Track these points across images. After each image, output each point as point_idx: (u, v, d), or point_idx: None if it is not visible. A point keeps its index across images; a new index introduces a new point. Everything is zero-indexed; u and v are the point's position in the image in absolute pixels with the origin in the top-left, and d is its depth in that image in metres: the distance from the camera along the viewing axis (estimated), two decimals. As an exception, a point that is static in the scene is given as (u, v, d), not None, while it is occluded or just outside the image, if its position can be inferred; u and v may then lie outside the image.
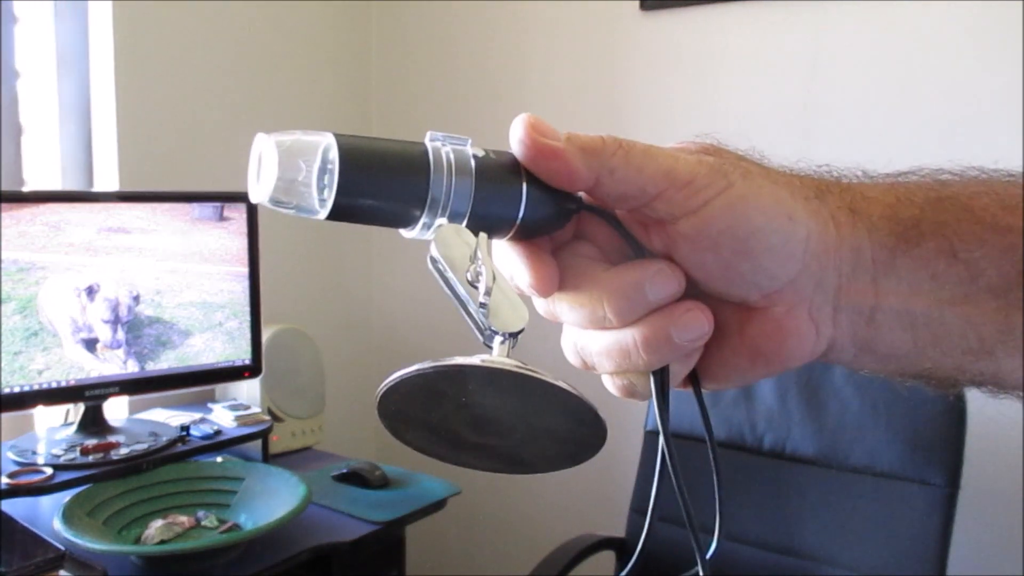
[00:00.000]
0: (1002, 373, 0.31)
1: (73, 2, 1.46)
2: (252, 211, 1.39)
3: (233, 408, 1.41)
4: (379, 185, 0.31)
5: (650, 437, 1.43)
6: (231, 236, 1.37)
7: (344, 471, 1.38)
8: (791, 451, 1.30)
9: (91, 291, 1.24)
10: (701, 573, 0.36)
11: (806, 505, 1.28)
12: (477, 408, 0.34)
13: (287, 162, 0.30)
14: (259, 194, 0.31)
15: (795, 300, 0.31)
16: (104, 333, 1.25)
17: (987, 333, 0.30)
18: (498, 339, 0.33)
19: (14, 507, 1.09)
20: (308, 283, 1.87)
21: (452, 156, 0.31)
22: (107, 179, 1.49)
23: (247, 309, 1.39)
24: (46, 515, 1.07)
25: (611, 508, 1.54)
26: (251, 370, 1.41)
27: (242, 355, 1.39)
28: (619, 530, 1.44)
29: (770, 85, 1.49)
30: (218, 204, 1.36)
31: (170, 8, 1.54)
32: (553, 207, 0.33)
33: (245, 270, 1.39)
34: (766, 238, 0.30)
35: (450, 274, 0.33)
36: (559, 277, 0.33)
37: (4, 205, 1.16)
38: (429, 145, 0.31)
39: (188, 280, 1.34)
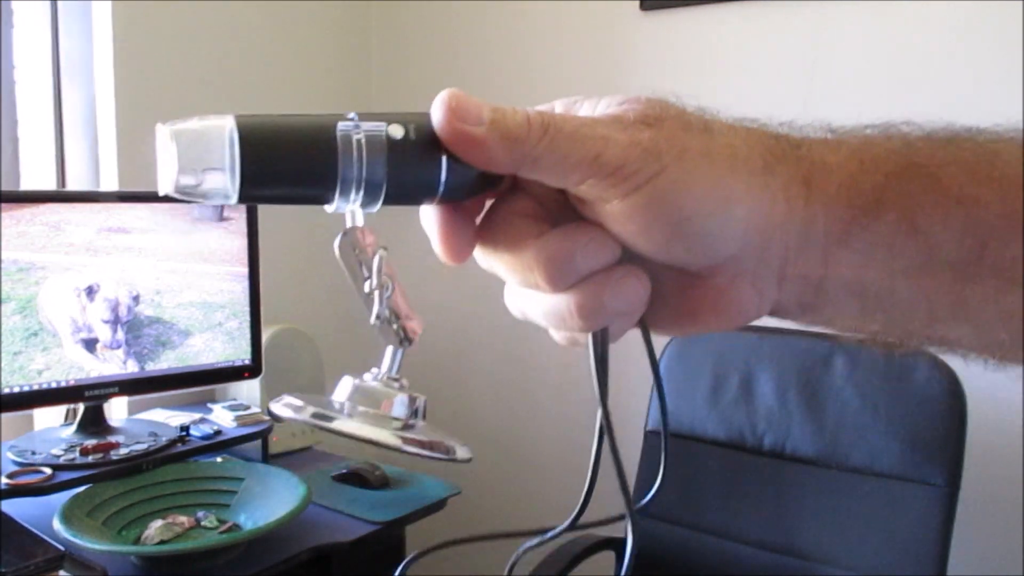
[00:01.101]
0: (948, 339, 0.31)
1: (75, 3, 1.46)
2: (252, 211, 1.39)
3: (233, 408, 1.41)
4: (285, 171, 0.29)
5: (650, 437, 1.43)
6: (231, 236, 1.37)
7: (344, 471, 1.38)
8: (791, 451, 1.30)
9: (91, 291, 1.24)
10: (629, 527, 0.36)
11: (806, 505, 1.28)
12: None
13: (187, 153, 0.29)
14: (165, 186, 0.30)
15: (736, 272, 0.31)
16: (104, 333, 1.25)
17: (939, 305, 0.30)
18: (388, 349, 0.34)
19: (14, 507, 1.09)
20: (308, 283, 1.87)
21: (363, 143, 0.30)
22: (107, 179, 1.49)
23: (247, 309, 1.39)
24: (46, 515, 1.07)
25: (611, 508, 1.54)
26: (251, 370, 1.41)
27: (242, 355, 1.39)
28: (619, 530, 1.44)
29: (770, 85, 1.49)
30: (218, 204, 1.36)
31: (170, 9, 1.54)
32: (476, 179, 0.31)
33: (245, 270, 1.39)
34: (700, 223, 0.29)
35: (348, 276, 0.33)
36: (487, 238, 0.32)
37: (4, 205, 1.16)
38: (339, 133, 0.30)
39: (188, 280, 1.34)
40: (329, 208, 0.31)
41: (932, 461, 1.18)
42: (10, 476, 1.11)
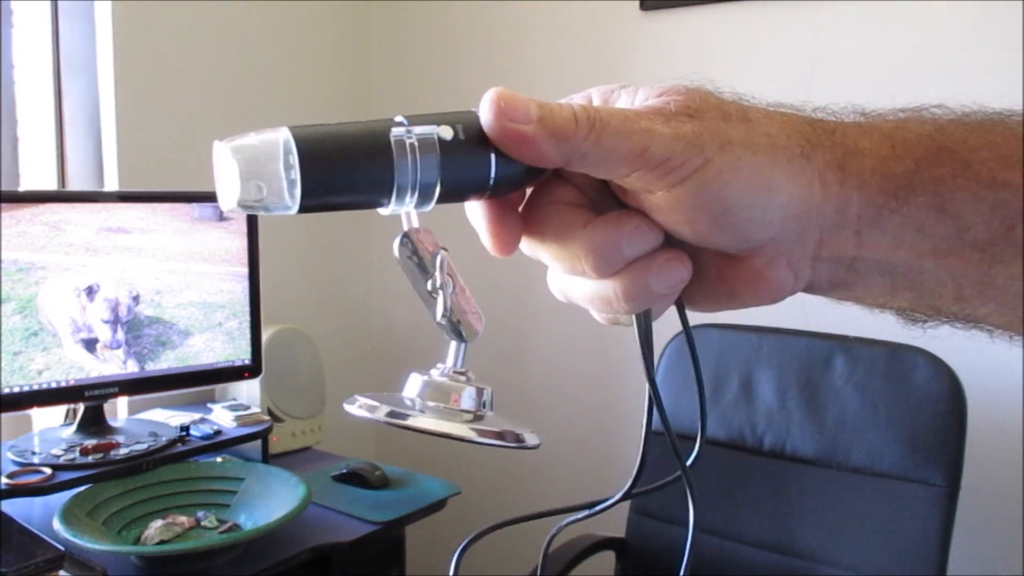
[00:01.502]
0: (975, 316, 0.32)
1: (77, 3, 1.46)
2: (252, 211, 1.39)
3: (233, 408, 1.41)
4: (344, 179, 0.30)
5: (650, 437, 1.43)
6: (231, 236, 1.37)
7: (344, 471, 1.38)
8: (791, 451, 1.30)
9: (91, 291, 1.24)
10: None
11: (806, 505, 1.28)
12: None
13: (247, 169, 0.29)
14: (226, 203, 0.31)
15: (774, 254, 0.31)
16: (104, 333, 1.25)
17: (966, 283, 0.31)
18: (452, 345, 0.35)
19: (14, 507, 1.09)
20: (308, 283, 1.87)
21: (416, 146, 0.31)
22: (107, 179, 1.49)
23: (247, 309, 1.39)
24: (46, 515, 1.07)
25: (611, 508, 1.54)
26: (251, 370, 1.41)
27: (242, 355, 1.39)
28: (619, 530, 1.44)
29: (770, 85, 1.49)
30: (218, 204, 1.36)
31: (170, 8, 1.54)
32: (523, 173, 0.32)
33: (245, 270, 1.39)
34: (743, 211, 0.30)
35: (410, 277, 0.34)
36: (533, 228, 0.33)
37: (4, 205, 1.16)
38: (392, 139, 0.30)
39: (188, 280, 1.34)
40: (384, 211, 0.32)
41: (932, 461, 1.18)
42: (10, 476, 1.11)
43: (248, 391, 1.49)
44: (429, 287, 0.34)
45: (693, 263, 0.33)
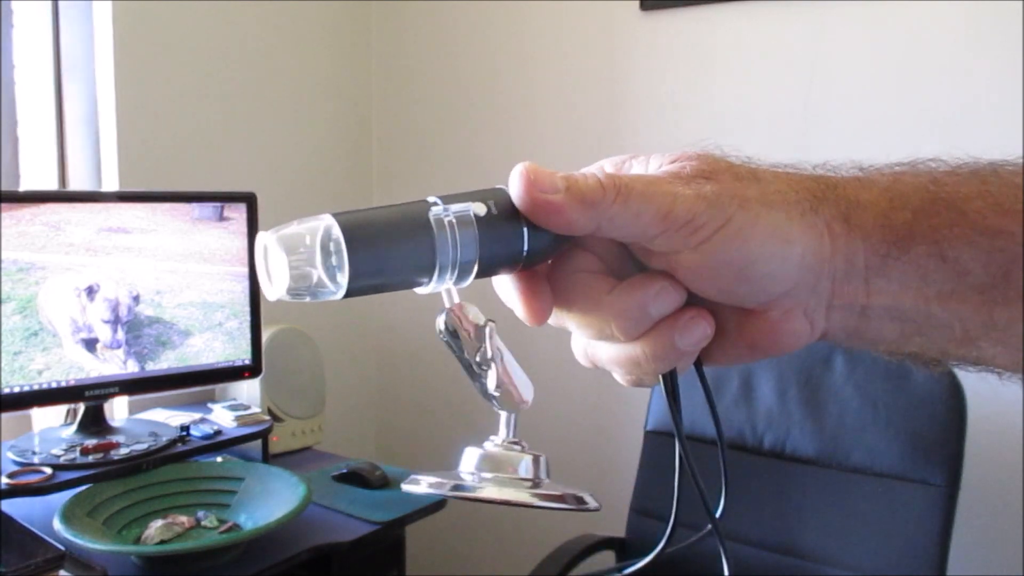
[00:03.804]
0: (984, 359, 0.33)
1: (77, 3, 1.46)
2: (252, 211, 1.39)
3: (233, 408, 1.41)
4: (388, 262, 0.31)
5: (650, 437, 1.43)
6: (231, 236, 1.37)
7: (344, 471, 1.38)
8: (791, 451, 1.30)
9: (91, 291, 1.24)
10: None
11: (806, 505, 1.28)
12: None
13: (295, 258, 0.30)
14: (275, 293, 0.31)
15: (791, 305, 0.33)
16: (104, 333, 1.25)
17: (971, 326, 0.32)
18: (503, 415, 0.36)
19: (14, 507, 1.09)
20: (308, 283, 1.87)
21: (455, 224, 0.32)
22: (107, 179, 1.49)
23: (247, 309, 1.39)
24: (46, 515, 1.07)
25: (611, 508, 1.54)
26: (251, 370, 1.41)
27: (242, 355, 1.39)
28: (619, 530, 1.44)
29: (770, 85, 1.50)
30: (218, 204, 1.36)
31: (170, 8, 1.54)
32: (552, 241, 0.34)
33: (245, 270, 1.39)
34: (764, 265, 0.31)
35: (457, 351, 0.35)
36: (559, 297, 0.34)
37: (4, 205, 1.16)
38: (432, 219, 0.32)
39: (188, 280, 1.34)
40: (423, 291, 0.33)
41: (932, 461, 1.19)
42: (10, 476, 1.11)
43: (248, 391, 1.49)
44: (478, 359, 0.35)
45: (714, 319, 0.34)
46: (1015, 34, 1.26)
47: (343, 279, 0.30)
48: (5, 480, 1.10)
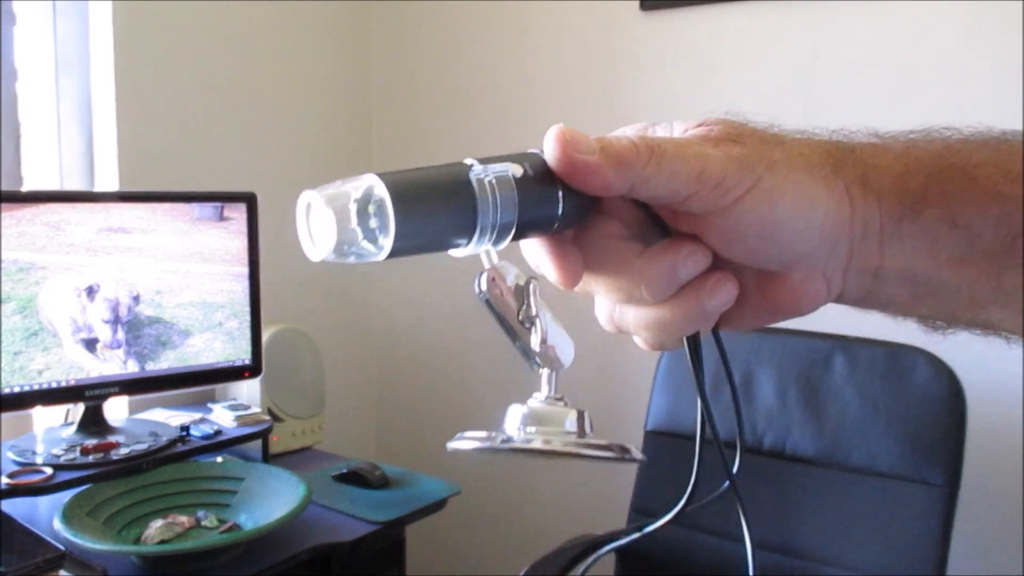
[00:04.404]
0: (992, 322, 0.34)
1: (73, 2, 1.46)
2: (252, 211, 1.39)
3: (233, 408, 1.41)
4: (432, 223, 0.31)
5: (650, 437, 1.43)
6: (231, 236, 1.37)
7: (344, 471, 1.38)
8: (791, 451, 1.30)
9: (91, 291, 1.24)
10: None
11: (806, 505, 1.28)
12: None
13: (343, 221, 0.30)
14: (319, 253, 0.31)
15: (812, 267, 0.34)
16: (104, 333, 1.25)
17: (980, 291, 0.33)
18: (545, 373, 0.36)
19: (14, 507, 1.09)
20: (308, 283, 1.87)
21: (495, 184, 0.32)
22: (107, 179, 1.49)
23: (247, 309, 1.39)
24: (46, 515, 1.07)
25: (611, 508, 1.54)
26: (251, 370, 1.41)
27: (242, 355, 1.39)
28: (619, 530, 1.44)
29: (770, 85, 1.49)
30: (218, 204, 1.36)
31: (170, 8, 1.54)
32: (586, 203, 0.34)
33: (245, 270, 1.39)
34: (791, 226, 0.32)
35: (499, 310, 0.35)
36: (586, 262, 0.35)
37: (4, 205, 1.16)
38: (473, 179, 0.32)
39: (188, 280, 1.34)
40: (460, 253, 0.33)
41: (932, 461, 1.18)
42: (10, 476, 1.11)
43: (248, 391, 1.49)
44: (521, 317, 0.35)
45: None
46: (1015, 34, 1.26)
47: (387, 240, 0.30)
48: (5, 480, 1.10)
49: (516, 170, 0.32)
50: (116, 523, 1.12)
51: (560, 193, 0.33)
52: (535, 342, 0.35)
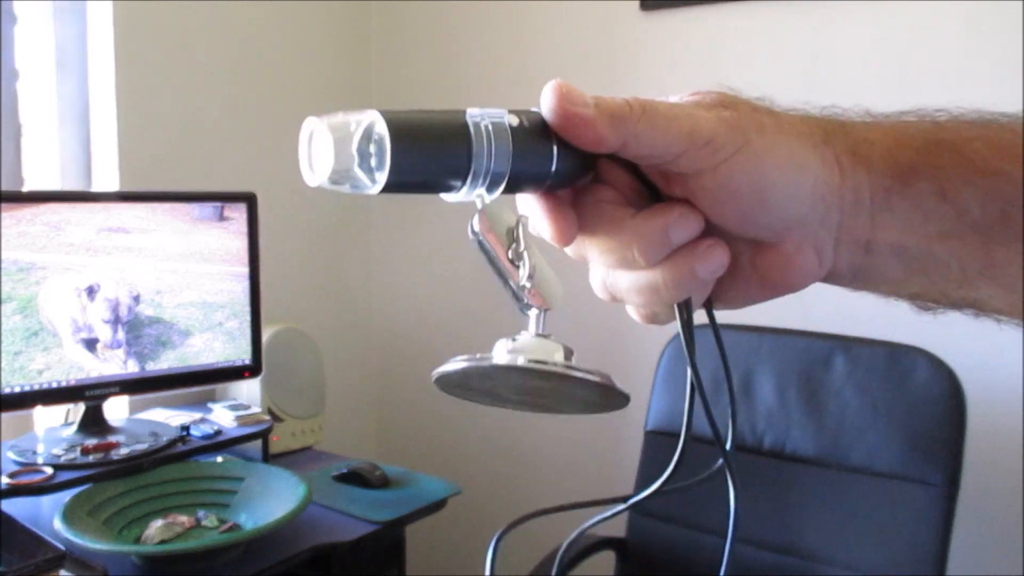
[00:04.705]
0: (981, 300, 0.34)
1: (72, 2, 1.46)
2: (252, 211, 1.39)
3: (233, 408, 1.41)
4: (427, 162, 0.32)
5: (650, 437, 1.43)
6: (231, 236, 1.37)
7: (344, 471, 1.38)
8: (791, 451, 1.30)
9: (91, 291, 1.24)
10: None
11: (806, 505, 1.28)
12: (518, 384, 0.38)
13: (341, 147, 0.31)
14: (316, 179, 0.32)
15: (802, 236, 0.34)
16: (104, 333, 1.25)
17: (970, 265, 0.33)
18: (533, 312, 0.36)
19: (14, 507, 1.09)
20: (308, 283, 1.87)
21: (491, 130, 0.32)
22: (107, 179, 1.49)
23: (247, 309, 1.39)
24: (46, 515, 1.07)
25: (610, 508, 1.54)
26: (251, 370, 1.41)
27: (242, 355, 1.39)
28: (619, 530, 1.44)
29: (770, 85, 1.49)
30: (218, 204, 1.36)
31: (170, 8, 1.54)
32: (580, 163, 0.34)
33: (245, 270, 1.39)
34: (780, 189, 0.33)
35: (491, 250, 0.35)
36: (581, 225, 0.36)
37: (4, 205, 1.16)
38: (470, 122, 0.32)
39: (188, 280, 1.34)
40: (452, 197, 0.34)
41: (932, 461, 1.18)
42: (11, 476, 1.11)
43: (248, 391, 1.49)
44: (511, 254, 0.36)
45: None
46: (1015, 34, 1.26)
47: (382, 174, 0.31)
48: (5, 480, 1.10)
49: (512, 120, 0.33)
50: (116, 523, 1.12)
51: (555, 149, 0.33)
52: (523, 276, 0.36)
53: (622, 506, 0.44)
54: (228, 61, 1.67)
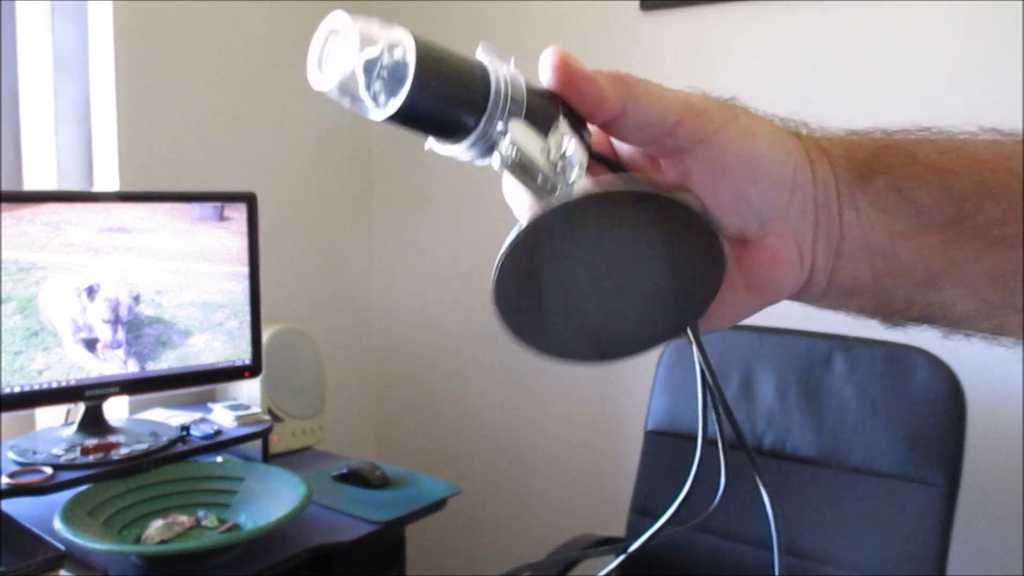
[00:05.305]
0: (947, 303, 0.35)
1: (72, 2, 1.46)
2: (252, 211, 1.39)
3: (233, 408, 1.41)
4: (445, 89, 0.30)
5: (650, 437, 1.43)
6: (231, 236, 1.37)
7: (344, 471, 1.38)
8: (791, 451, 1.30)
9: (91, 291, 1.24)
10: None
11: (806, 505, 1.28)
12: (595, 250, 0.33)
13: (366, 51, 0.29)
14: (323, 82, 0.30)
15: (785, 230, 0.35)
16: (104, 333, 1.25)
17: (933, 264, 0.34)
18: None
19: (14, 507, 1.09)
20: (308, 283, 1.87)
21: (510, 82, 0.32)
22: (107, 179, 1.49)
23: (247, 309, 1.39)
24: (46, 515, 1.07)
25: (611, 508, 1.54)
26: (251, 370, 1.41)
27: (242, 355, 1.39)
28: (619, 530, 1.44)
29: (770, 85, 1.50)
30: (218, 204, 1.36)
31: (170, 8, 1.54)
32: (581, 142, 0.34)
33: (245, 270, 1.39)
34: (769, 165, 0.34)
35: (531, 159, 0.32)
36: None
37: (4, 205, 1.16)
38: (491, 69, 0.32)
39: (188, 280, 1.34)
40: (446, 149, 0.32)
41: (932, 461, 1.18)
42: (11, 476, 1.11)
43: (248, 391, 1.49)
44: (552, 157, 0.33)
45: None
46: (1015, 34, 1.26)
47: (404, 91, 0.29)
48: (5, 480, 1.10)
49: (523, 79, 0.33)
50: (116, 523, 1.12)
51: (560, 119, 0.33)
52: (575, 175, 0.33)
53: (621, 556, 0.42)
54: (228, 61, 1.67)
